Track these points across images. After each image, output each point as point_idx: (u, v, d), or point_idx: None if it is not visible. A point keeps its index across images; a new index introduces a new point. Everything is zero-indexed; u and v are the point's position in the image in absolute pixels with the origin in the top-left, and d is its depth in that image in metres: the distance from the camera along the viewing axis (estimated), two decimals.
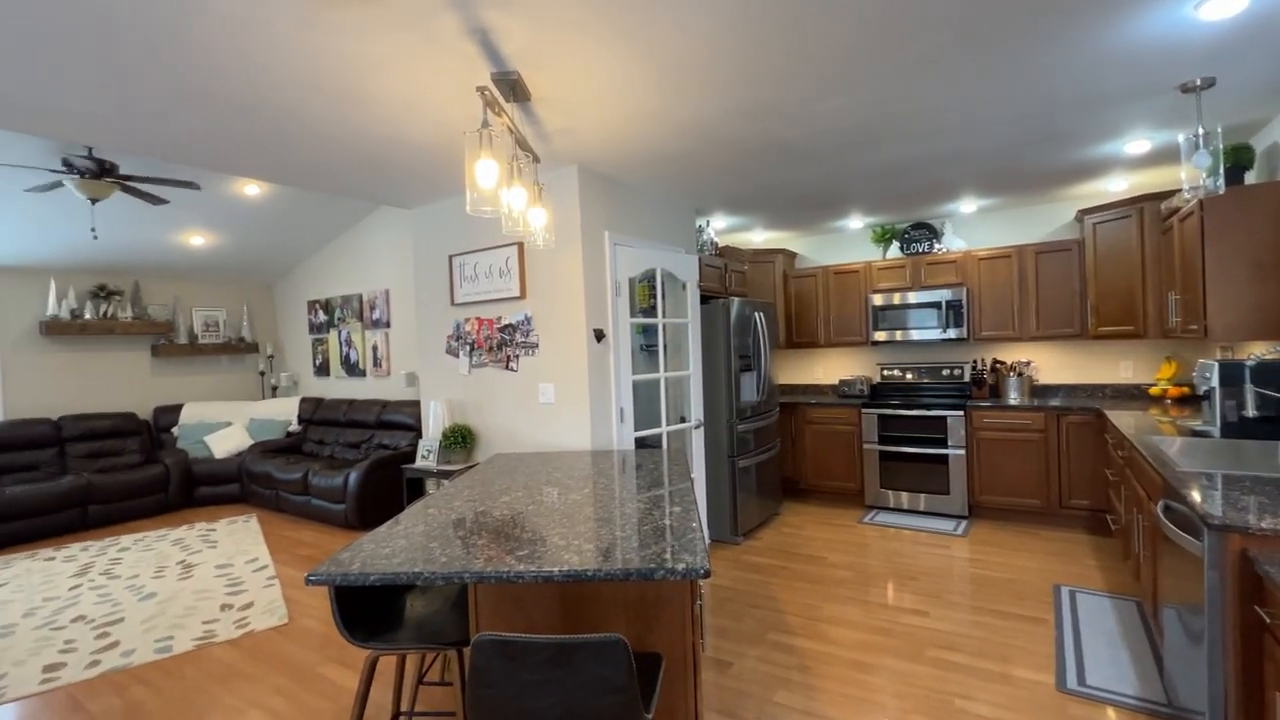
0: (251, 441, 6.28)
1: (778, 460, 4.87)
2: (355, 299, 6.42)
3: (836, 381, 5.65)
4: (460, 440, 3.82)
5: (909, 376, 5.25)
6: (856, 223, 5.39)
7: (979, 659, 2.67)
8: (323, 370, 6.86)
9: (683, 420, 4.14)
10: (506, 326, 3.71)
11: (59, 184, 4.14)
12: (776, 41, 2.12)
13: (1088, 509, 4.18)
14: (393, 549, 1.76)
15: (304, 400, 6.60)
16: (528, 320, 3.61)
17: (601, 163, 3.35)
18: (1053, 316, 4.53)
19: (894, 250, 5.37)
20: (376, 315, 6.21)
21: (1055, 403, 4.33)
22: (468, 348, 3.91)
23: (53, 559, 4.49)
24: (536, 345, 3.58)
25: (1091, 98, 2.73)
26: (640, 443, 3.79)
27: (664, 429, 3.84)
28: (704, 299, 4.41)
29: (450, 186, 3.71)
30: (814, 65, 2.30)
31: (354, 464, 5.11)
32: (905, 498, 4.76)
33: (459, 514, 2.11)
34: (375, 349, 6.26)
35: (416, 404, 5.54)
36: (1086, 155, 3.60)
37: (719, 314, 4.21)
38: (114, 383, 6.31)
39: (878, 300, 5.09)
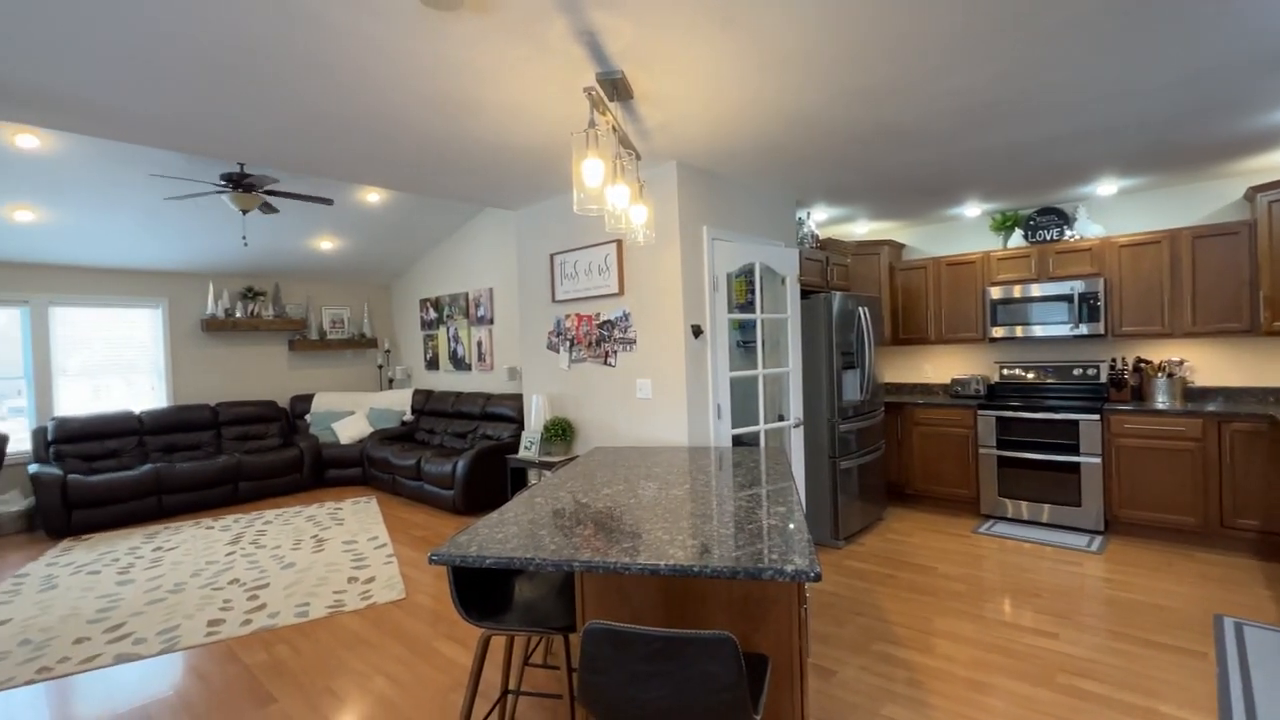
0: (371, 429, 6.83)
1: (882, 463, 4.64)
2: (462, 297, 6.80)
3: (949, 380, 5.30)
4: (560, 433, 3.94)
5: (1032, 376, 4.82)
6: (973, 210, 5.01)
7: (1120, 690, 2.40)
8: (433, 364, 7.33)
9: (781, 418, 4.04)
10: (605, 323, 3.78)
11: (211, 193, 4.68)
12: (890, 21, 2.00)
13: (1257, 530, 3.65)
14: (505, 535, 1.84)
15: (416, 392, 7.09)
16: (626, 316, 3.66)
17: (700, 157, 3.32)
18: (1213, 310, 3.98)
19: (1016, 239, 4.94)
20: (481, 312, 6.54)
21: (1215, 408, 3.81)
22: (567, 343, 4.03)
23: (211, 528, 5.11)
24: (634, 341, 3.62)
25: (1274, 55, 2.36)
26: (737, 440, 3.74)
27: (761, 427, 3.77)
28: (804, 293, 4.28)
29: (552, 187, 3.83)
30: (934, 42, 2.16)
31: (461, 453, 5.42)
32: (1027, 508, 4.38)
33: (564, 504, 2.18)
34: (480, 344, 6.60)
35: (518, 397, 5.78)
36: (1263, 123, 3.13)
37: (820, 309, 4.07)
38: (258, 373, 7.08)
39: (996, 293, 4.70)
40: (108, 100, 2.36)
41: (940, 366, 5.41)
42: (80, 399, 6.05)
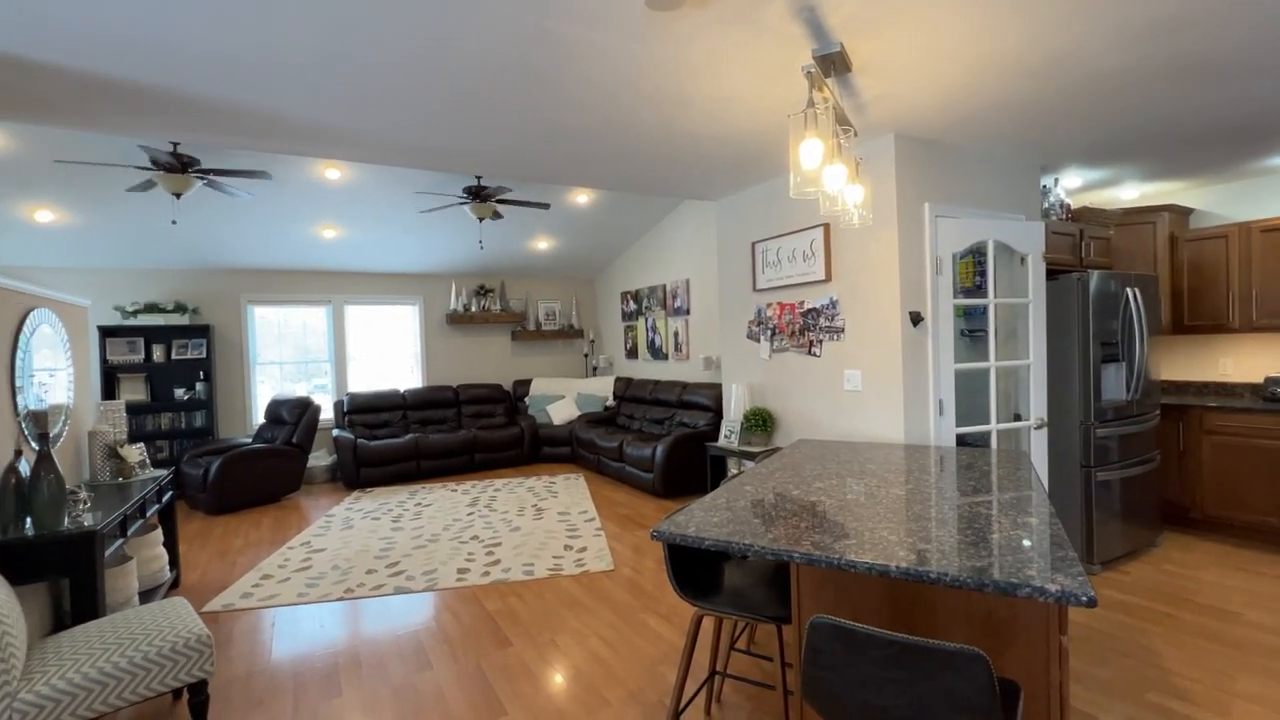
0: (579, 413, 7.45)
1: (1156, 477, 3.81)
2: (659, 289, 7.07)
3: (1261, 380, 4.17)
4: (760, 424, 3.90)
5: None
6: None
7: None
8: (632, 354, 7.75)
9: (1017, 418, 3.53)
10: (810, 311, 3.64)
11: (454, 204, 5.44)
12: None
13: None
14: (720, 519, 1.87)
15: (617, 379, 7.56)
16: (833, 304, 3.48)
17: (923, 126, 3.02)
18: None
19: None
20: (678, 303, 6.74)
21: None
22: (768, 332, 3.97)
23: (454, 491, 6.00)
24: (842, 330, 3.44)
25: None
26: (961, 440, 3.36)
27: (993, 426, 3.33)
28: (1050, 274, 3.68)
29: (755, 175, 3.78)
30: None
31: (659, 438, 5.65)
32: None
33: (774, 495, 2.15)
34: (676, 334, 6.81)
35: (714, 386, 5.86)
36: None
37: (1071, 291, 3.46)
38: (487, 360, 8.12)
39: None
40: (382, 133, 2.87)
41: (1246, 361, 4.28)
42: (364, 379, 7.52)
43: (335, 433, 6.41)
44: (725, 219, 4.37)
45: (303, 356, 7.19)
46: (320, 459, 6.69)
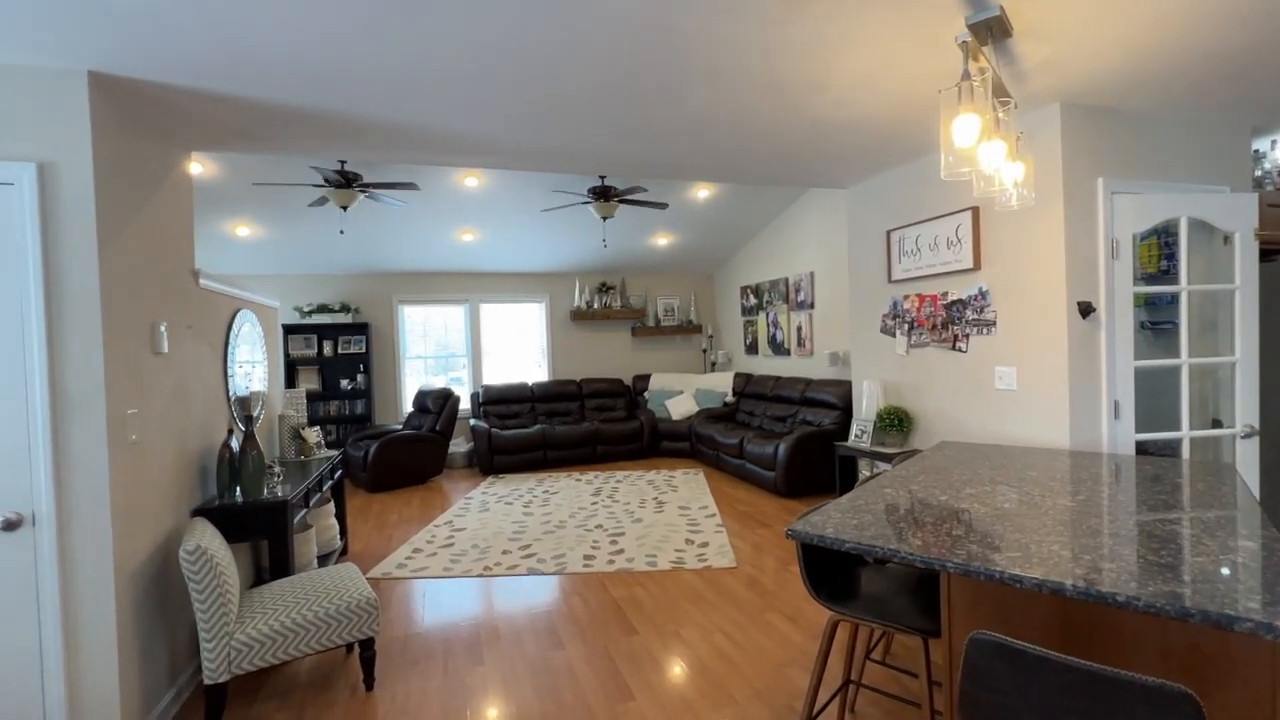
0: (698, 408, 7.45)
1: None
2: (781, 283, 6.88)
3: None
4: (896, 423, 3.67)
5: None
6: None
7: None
8: (752, 349, 7.61)
9: (1217, 424, 3.03)
10: (954, 303, 3.36)
11: (581, 203, 5.63)
12: None
13: None
14: (860, 521, 1.78)
15: (736, 375, 7.46)
16: (982, 294, 3.19)
17: (1096, 92, 2.67)
18: None
19: None
20: (801, 297, 6.52)
21: None
22: (905, 326, 3.72)
23: (578, 481, 6.25)
24: (992, 322, 3.14)
25: None
26: (1141, 449, 2.94)
27: (1185, 433, 2.88)
28: (1265, 254, 3.11)
29: (892, 158, 3.55)
30: None
31: (781, 436, 5.51)
32: None
33: (918, 499, 2.01)
34: (799, 329, 6.59)
35: (840, 383, 5.60)
36: None
37: None
38: (607, 355, 8.36)
39: None
40: (517, 140, 3.02)
41: None
42: (496, 372, 8.04)
43: (472, 422, 6.92)
44: (857, 206, 4.15)
45: (442, 351, 7.84)
46: (459, 445, 7.26)
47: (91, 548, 2.06)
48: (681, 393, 7.74)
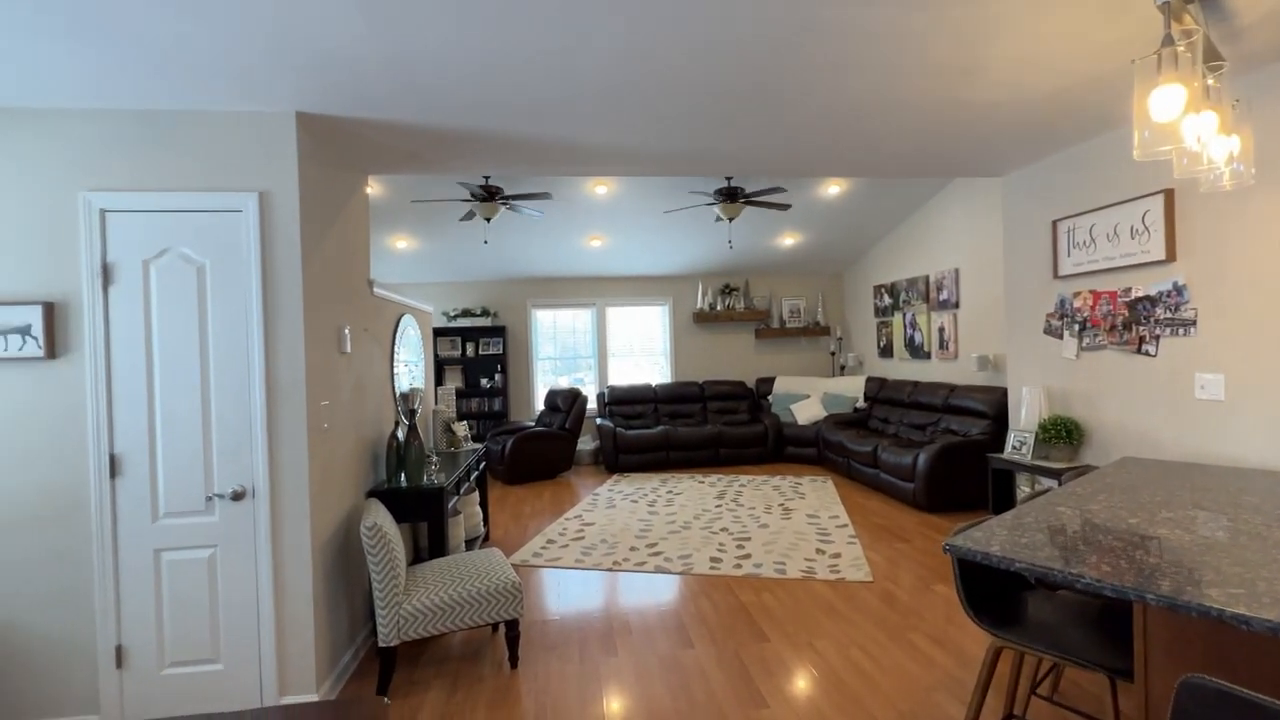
0: (825, 413, 7.16)
1: None
2: (920, 281, 6.43)
3: None
4: (1064, 435, 3.29)
5: None
6: None
7: None
8: (886, 352, 7.18)
9: None
10: (1140, 300, 2.95)
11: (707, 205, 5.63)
12: None
13: None
14: (1031, 541, 1.62)
15: (869, 379, 7.07)
16: (1177, 290, 2.77)
17: None
18: None
19: None
20: (944, 296, 6.04)
21: None
22: (1076, 327, 3.32)
23: (702, 483, 6.25)
24: (1191, 322, 2.71)
25: None
26: None
27: None
28: None
29: (1058, 141, 3.19)
30: None
31: (921, 445, 5.14)
32: None
33: (1099, 521, 1.78)
34: (941, 330, 6.11)
35: (990, 389, 5.12)
36: None
37: None
38: (730, 357, 8.28)
39: None
40: (651, 147, 3.08)
41: None
42: (621, 373, 8.27)
43: (598, 421, 7.17)
44: (1015, 196, 3.77)
45: (568, 352, 8.20)
46: (585, 444, 7.55)
47: (294, 519, 2.39)
48: (808, 397, 7.48)
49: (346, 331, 2.83)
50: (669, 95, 2.47)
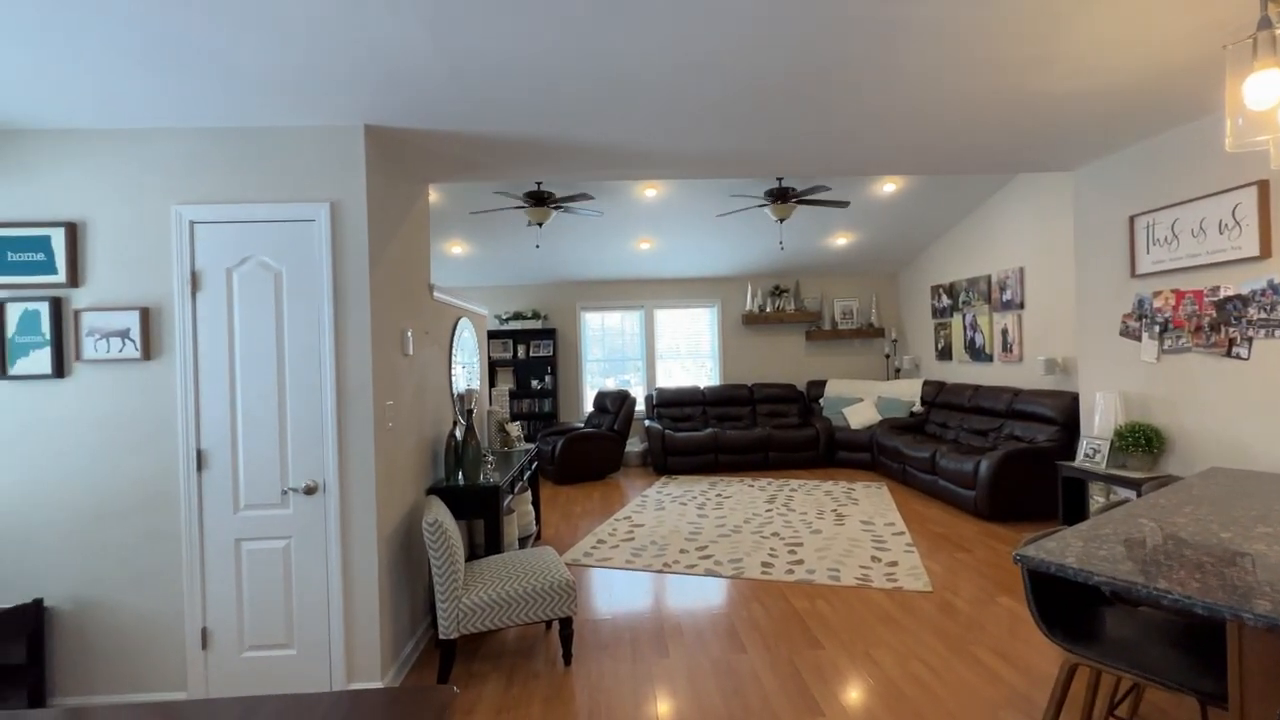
0: (880, 418, 6.97)
1: None
2: (982, 281, 6.18)
3: None
4: (1143, 443, 3.10)
5: None
6: None
7: None
8: (944, 354, 6.94)
9: None
10: (1230, 299, 2.76)
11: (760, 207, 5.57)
12: None
13: None
14: (1110, 553, 1.54)
15: (926, 383, 6.85)
16: (1273, 288, 2.57)
17: None
18: None
19: None
20: (1007, 296, 5.79)
21: None
22: (1156, 328, 3.13)
23: (751, 486, 6.18)
24: None
25: None
26: None
27: None
28: None
29: (1136, 132, 3.02)
30: None
31: (983, 452, 4.94)
32: None
33: (1185, 534, 1.68)
34: (1005, 332, 5.86)
35: (1058, 394, 4.88)
36: None
37: None
38: (780, 360, 8.17)
39: None
40: (701, 149, 3.07)
41: None
42: (668, 375, 8.27)
43: (646, 423, 7.19)
44: (1087, 191, 3.59)
45: (616, 354, 8.25)
46: (633, 445, 7.58)
47: (361, 513, 2.50)
48: (861, 400, 7.30)
49: (409, 334, 2.95)
50: (713, 96, 2.47)
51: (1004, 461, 4.57)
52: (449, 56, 2.05)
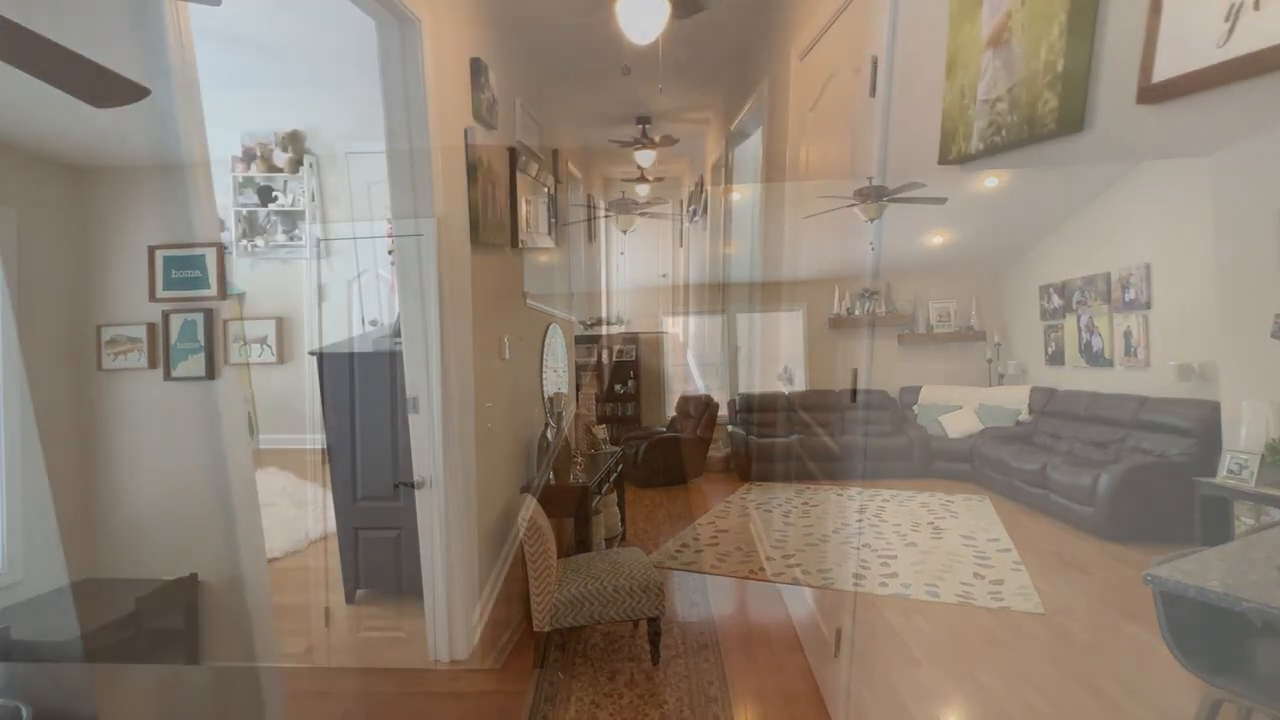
0: (980, 426, 6.53)
1: None
2: (1100, 279, 5.65)
3: None
4: None
5: None
6: None
7: None
8: (1055, 359, 6.40)
9: None
10: None
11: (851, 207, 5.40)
12: None
13: None
14: (1262, 578, 1.39)
15: (1034, 390, 6.34)
16: None
17: None
18: None
19: None
20: (1130, 296, 5.27)
21: None
22: None
23: (840, 495, 5.97)
24: None
25: None
26: None
27: None
28: None
29: None
30: None
31: (1103, 465, 4.52)
32: None
33: None
34: (1128, 335, 5.34)
35: (1194, 403, 4.37)
36: None
37: None
38: (871, 364, 7.85)
39: None
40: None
41: None
42: (751, 380, 8.17)
43: (730, 428, 7.13)
44: (1229, 178, 3.22)
45: (699, 359, 8.24)
46: (717, 450, 7.54)
47: (462, 507, 2.66)
48: (960, 408, 6.87)
49: (505, 340, 3.10)
50: None
51: (1128, 476, 4.16)
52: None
